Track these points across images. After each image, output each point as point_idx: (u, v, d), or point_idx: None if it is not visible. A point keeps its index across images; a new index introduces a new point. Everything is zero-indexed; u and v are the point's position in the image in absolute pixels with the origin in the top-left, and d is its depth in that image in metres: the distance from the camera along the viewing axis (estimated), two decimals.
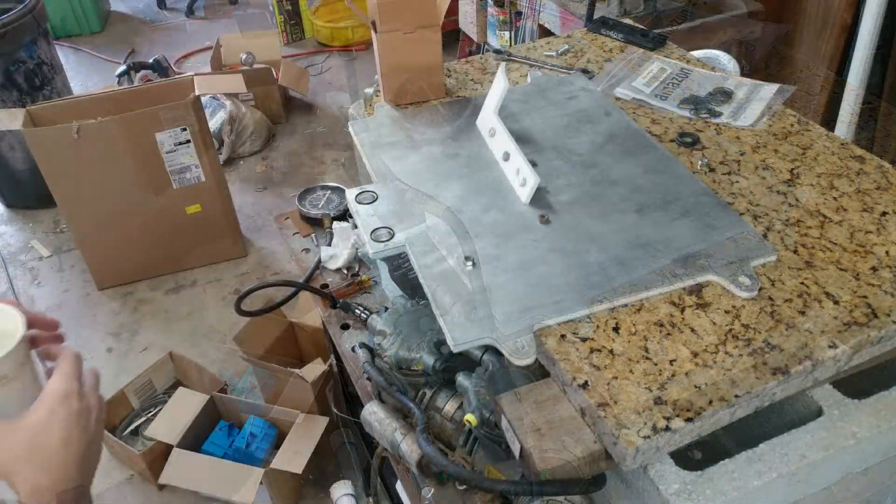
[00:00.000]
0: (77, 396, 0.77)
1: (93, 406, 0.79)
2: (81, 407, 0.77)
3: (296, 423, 2.11)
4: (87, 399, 0.78)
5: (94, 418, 0.79)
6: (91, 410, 0.79)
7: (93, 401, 0.79)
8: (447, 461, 0.93)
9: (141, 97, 2.68)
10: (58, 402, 0.76)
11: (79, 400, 0.77)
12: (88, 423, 0.78)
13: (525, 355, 0.81)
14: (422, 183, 1.07)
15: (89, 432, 0.78)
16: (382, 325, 1.15)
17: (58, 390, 0.77)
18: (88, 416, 0.78)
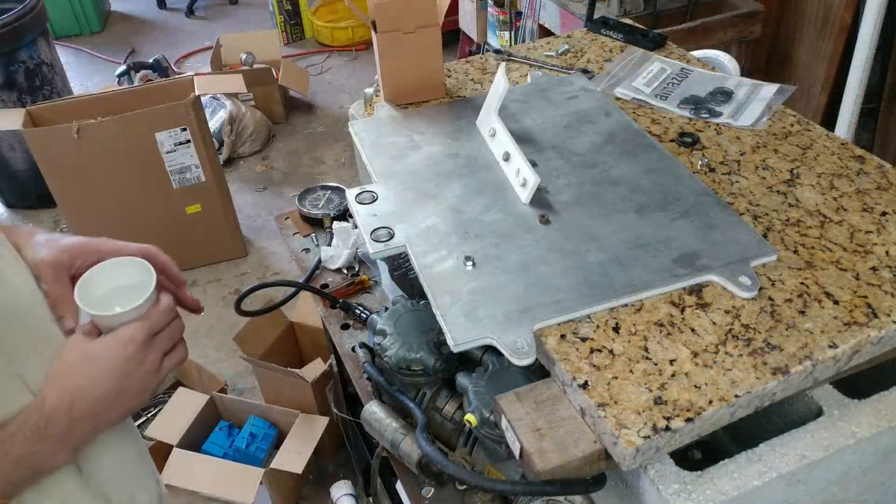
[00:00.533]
0: (138, 346, 0.74)
1: (148, 364, 0.75)
2: (132, 357, 0.73)
3: (296, 423, 2.11)
4: (146, 355, 0.74)
5: (139, 375, 0.75)
6: (142, 366, 0.74)
7: (150, 362, 0.75)
8: (447, 461, 0.93)
9: (141, 97, 2.68)
10: (116, 341, 0.74)
11: (137, 350, 0.74)
12: (129, 377, 0.74)
13: (525, 355, 0.81)
14: (422, 183, 1.07)
15: (122, 385, 0.74)
16: (382, 324, 1.15)
17: (124, 333, 0.74)
18: (133, 370, 0.74)
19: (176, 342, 0.79)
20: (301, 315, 2.33)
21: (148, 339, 0.75)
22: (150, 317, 0.75)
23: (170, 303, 0.78)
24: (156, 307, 0.77)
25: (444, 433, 1.10)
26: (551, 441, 0.78)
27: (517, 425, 0.80)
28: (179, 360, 0.80)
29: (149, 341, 0.75)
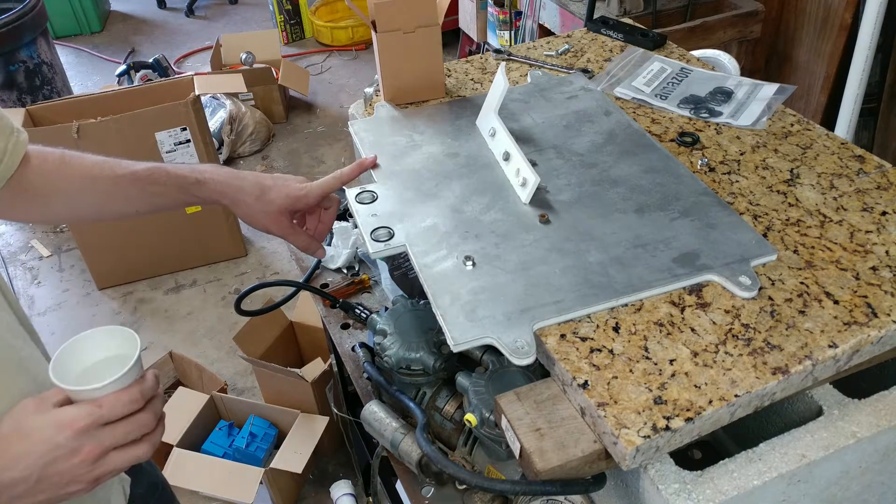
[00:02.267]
0: (74, 433, 0.65)
1: (83, 454, 0.65)
2: (62, 444, 0.64)
3: (296, 422, 2.11)
4: (82, 445, 0.65)
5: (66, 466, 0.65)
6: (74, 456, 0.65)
7: (87, 452, 0.65)
8: (447, 461, 0.93)
9: (141, 97, 2.68)
10: (53, 422, 0.65)
11: (73, 437, 0.64)
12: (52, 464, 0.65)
13: (525, 355, 0.81)
14: (422, 183, 1.07)
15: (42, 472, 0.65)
16: (382, 324, 1.15)
17: (64, 415, 0.65)
18: (60, 458, 0.65)
19: (137, 437, 0.69)
20: (301, 315, 2.33)
21: (91, 427, 0.65)
22: (103, 403, 0.66)
23: (135, 394, 0.68)
24: (117, 394, 0.67)
25: (444, 433, 1.10)
26: (551, 441, 0.78)
27: (517, 425, 0.80)
28: (135, 457, 0.69)
29: (92, 430, 0.65)
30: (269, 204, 0.98)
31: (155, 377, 0.72)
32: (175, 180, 0.96)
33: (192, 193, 0.97)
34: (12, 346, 0.78)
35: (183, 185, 0.96)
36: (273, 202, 0.98)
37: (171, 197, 0.97)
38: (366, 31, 4.64)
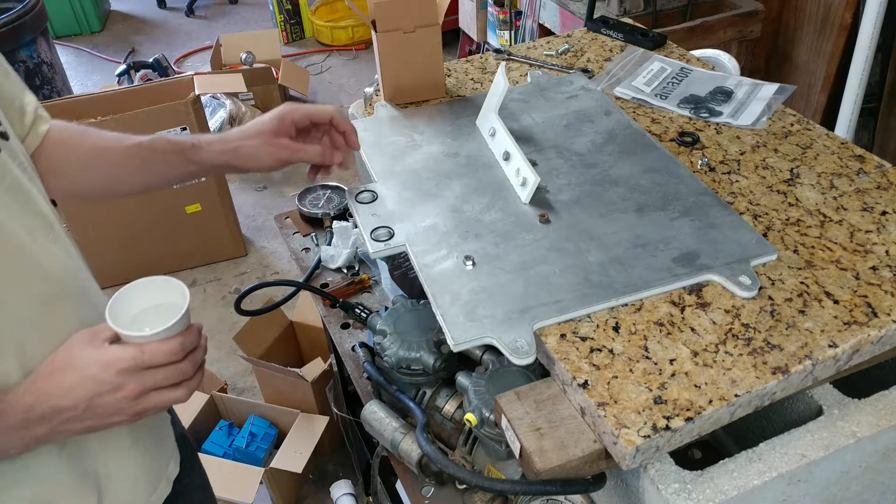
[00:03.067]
0: (117, 372, 0.71)
1: (125, 392, 0.72)
2: (107, 381, 0.71)
3: (296, 422, 2.11)
4: (125, 383, 0.72)
5: (110, 400, 0.72)
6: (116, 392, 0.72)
7: (129, 390, 0.72)
8: (447, 460, 0.93)
9: (141, 97, 2.68)
10: (100, 360, 0.72)
11: (116, 375, 0.71)
12: (98, 397, 0.72)
13: (525, 355, 0.81)
14: (422, 182, 1.07)
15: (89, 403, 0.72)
16: (382, 324, 1.15)
17: (110, 355, 0.72)
18: (104, 394, 0.72)
19: (176, 382, 0.76)
20: (301, 314, 2.33)
21: (134, 370, 0.72)
22: (146, 350, 0.73)
23: (176, 346, 0.74)
24: (160, 344, 0.74)
25: (443, 433, 1.10)
26: (551, 440, 0.78)
27: (517, 425, 0.80)
28: (173, 399, 0.76)
29: (134, 371, 0.72)
30: (261, 134, 0.97)
31: (198, 332, 0.79)
32: (174, 146, 0.98)
33: (190, 159, 0.98)
34: (76, 276, 0.86)
35: (181, 150, 0.97)
36: (263, 131, 0.97)
37: (173, 164, 0.98)
38: (366, 30, 4.64)
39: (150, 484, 0.96)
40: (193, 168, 1.00)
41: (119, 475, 0.90)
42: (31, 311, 0.78)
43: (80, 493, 0.86)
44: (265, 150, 0.98)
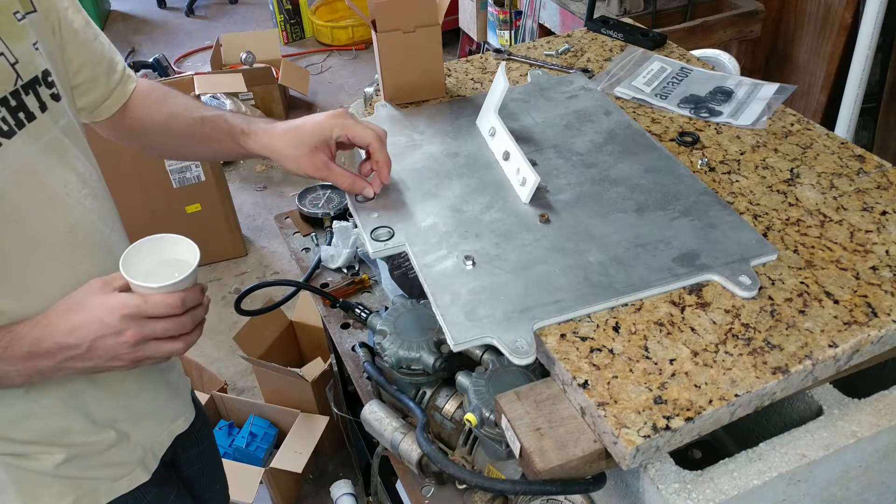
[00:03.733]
0: (120, 318, 0.77)
1: (125, 337, 0.78)
2: (109, 325, 0.77)
3: (296, 422, 2.11)
4: (125, 329, 0.77)
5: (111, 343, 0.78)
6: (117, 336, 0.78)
7: (129, 336, 0.78)
8: (447, 460, 0.93)
9: None
10: (105, 305, 0.78)
11: (118, 321, 0.77)
12: (100, 339, 0.77)
13: (525, 355, 0.81)
14: (422, 182, 1.07)
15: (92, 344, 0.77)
16: (382, 324, 1.15)
17: (115, 301, 0.77)
18: (106, 336, 0.77)
19: (175, 335, 0.82)
20: (301, 314, 2.33)
21: (135, 317, 0.77)
22: (149, 300, 0.78)
23: (177, 301, 0.79)
24: (163, 296, 0.79)
25: (444, 433, 1.10)
26: (551, 440, 0.78)
27: (517, 424, 0.80)
28: (170, 351, 0.82)
29: (135, 318, 0.78)
30: (302, 146, 1.00)
31: (201, 290, 0.84)
32: (229, 129, 1.03)
33: (240, 144, 1.03)
34: (102, 231, 0.94)
35: (233, 133, 1.02)
36: (304, 144, 1.00)
37: (224, 143, 1.04)
38: (366, 30, 4.64)
39: (170, 413, 1.06)
40: (242, 151, 1.04)
41: (130, 414, 0.99)
42: (55, 257, 0.86)
43: (92, 429, 0.94)
44: (300, 163, 1.00)
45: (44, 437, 0.90)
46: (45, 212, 0.85)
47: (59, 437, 0.91)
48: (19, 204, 0.81)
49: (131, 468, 1.00)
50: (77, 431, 0.93)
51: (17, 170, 0.81)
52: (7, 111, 0.81)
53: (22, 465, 0.90)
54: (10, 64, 0.81)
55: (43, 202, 0.85)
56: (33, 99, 0.84)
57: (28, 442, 0.89)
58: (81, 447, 0.93)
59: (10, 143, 0.80)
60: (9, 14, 0.82)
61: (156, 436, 1.04)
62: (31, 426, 0.89)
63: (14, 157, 0.81)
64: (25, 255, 0.82)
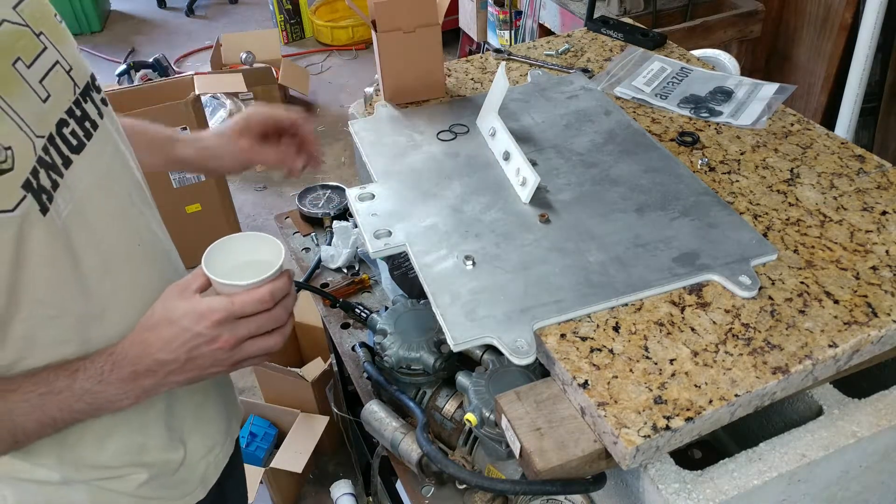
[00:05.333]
0: (211, 324, 0.73)
1: (220, 343, 0.74)
2: (202, 333, 0.73)
3: (296, 422, 2.11)
4: (219, 334, 0.73)
5: (207, 351, 0.74)
6: (212, 343, 0.73)
7: (223, 341, 0.73)
8: (447, 460, 0.93)
9: (141, 97, 2.68)
10: (194, 313, 0.73)
11: (210, 327, 0.72)
12: (196, 349, 0.74)
13: (525, 355, 0.81)
14: (422, 182, 1.07)
15: (189, 355, 0.74)
16: (382, 324, 1.15)
17: (203, 307, 0.73)
18: (201, 345, 0.73)
19: (269, 329, 0.77)
20: (301, 314, 2.33)
21: (226, 320, 0.73)
22: (236, 300, 0.73)
23: (265, 294, 0.75)
24: (249, 293, 0.74)
25: (444, 432, 1.10)
26: (551, 440, 0.78)
27: (517, 424, 0.80)
28: (268, 347, 0.78)
29: (227, 322, 0.73)
30: (223, 135, 1.01)
31: (288, 278, 0.78)
32: (159, 137, 1.02)
33: (170, 151, 1.02)
34: (160, 239, 0.91)
35: (163, 141, 1.02)
36: (225, 132, 1.01)
37: (155, 155, 1.01)
38: (366, 30, 4.64)
39: (220, 438, 1.01)
40: (172, 158, 1.03)
41: (196, 428, 0.96)
42: (130, 273, 0.83)
43: (168, 445, 0.91)
44: (227, 150, 1.01)
45: (127, 455, 0.87)
46: (117, 225, 0.81)
47: (138, 454, 0.88)
48: (95, 220, 0.78)
49: (194, 486, 0.97)
50: (153, 448, 0.89)
51: (92, 186, 0.77)
52: (75, 123, 0.76)
53: (105, 487, 0.87)
54: (66, 72, 0.77)
55: (115, 215, 0.81)
56: (92, 106, 0.80)
57: (115, 465, 0.86)
58: (160, 466, 0.91)
59: (82, 157, 0.76)
60: (52, 18, 0.77)
61: (216, 452, 1.01)
62: (111, 445, 0.85)
63: (88, 174, 0.77)
64: (103, 273, 0.79)
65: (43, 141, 0.71)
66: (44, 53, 0.74)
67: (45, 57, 0.74)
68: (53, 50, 0.75)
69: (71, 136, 0.75)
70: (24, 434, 0.74)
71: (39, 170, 0.70)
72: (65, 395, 0.73)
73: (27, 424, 0.73)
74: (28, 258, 0.70)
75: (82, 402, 0.74)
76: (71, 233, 0.74)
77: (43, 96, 0.72)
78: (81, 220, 0.75)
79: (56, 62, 0.75)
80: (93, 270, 0.77)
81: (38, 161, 0.70)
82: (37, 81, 0.72)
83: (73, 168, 0.75)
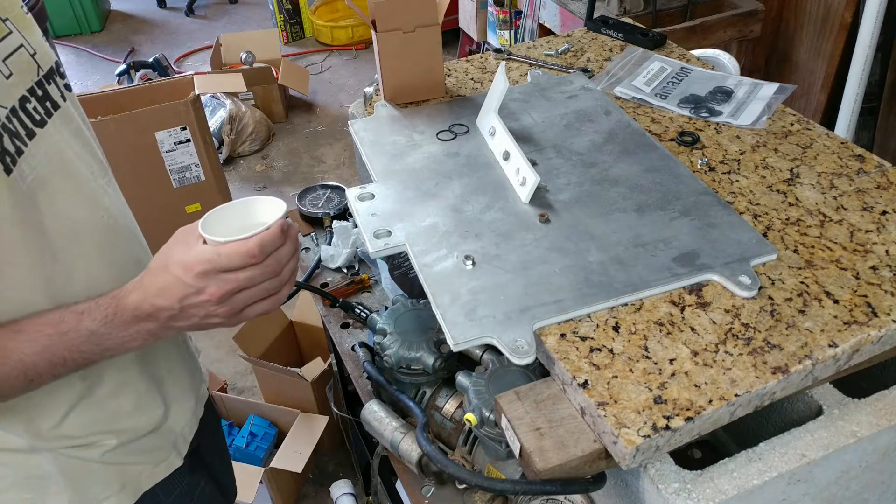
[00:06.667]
0: (196, 275, 0.73)
1: (206, 295, 0.73)
2: (189, 283, 0.73)
3: (295, 422, 2.11)
4: (205, 286, 0.73)
5: (196, 301, 0.74)
6: (199, 295, 0.74)
7: (210, 293, 0.73)
8: (447, 460, 0.93)
9: (141, 96, 2.68)
10: (182, 263, 0.73)
11: (195, 279, 0.73)
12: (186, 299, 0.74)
13: (525, 354, 0.81)
14: (422, 182, 1.07)
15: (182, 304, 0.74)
16: (382, 324, 1.15)
17: (189, 258, 0.73)
18: (190, 295, 0.74)
19: (261, 282, 0.75)
20: (301, 314, 2.33)
21: (210, 272, 0.73)
22: (221, 251, 0.73)
23: (253, 247, 0.73)
24: (236, 245, 0.73)
25: (443, 432, 1.10)
26: (551, 440, 0.78)
27: (517, 424, 0.80)
28: (262, 305, 0.77)
29: (211, 273, 0.73)
30: None
31: (280, 230, 0.75)
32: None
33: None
34: (126, 216, 0.96)
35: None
36: None
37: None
38: (366, 30, 4.64)
39: (193, 397, 1.05)
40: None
41: (175, 382, 1.00)
42: (96, 240, 0.86)
43: (149, 396, 0.95)
44: None
45: (98, 423, 0.89)
46: (81, 198, 0.85)
47: (110, 422, 0.90)
48: (59, 191, 0.81)
49: (167, 453, 0.99)
50: (125, 415, 0.92)
51: (54, 157, 0.82)
52: (37, 101, 0.81)
53: (72, 455, 0.89)
54: (30, 55, 0.81)
55: (78, 188, 0.85)
56: (55, 88, 0.85)
57: (79, 435, 0.88)
58: (128, 433, 0.93)
59: (44, 131, 0.81)
60: (18, 7, 0.82)
61: (186, 418, 1.03)
62: (85, 412, 0.87)
63: (50, 145, 0.81)
64: (71, 237, 0.82)
65: (6, 111, 0.76)
66: (8, 37, 0.79)
67: (9, 40, 0.79)
68: (18, 34, 0.80)
69: (34, 111, 0.80)
70: (36, 373, 0.76)
71: (3, 134, 0.74)
72: (71, 336, 0.76)
73: (39, 364, 0.75)
74: None
75: (90, 343, 0.77)
76: (37, 198, 0.78)
77: (6, 73, 0.77)
78: (45, 188, 0.79)
79: (21, 45, 0.80)
80: (59, 235, 0.80)
81: (2, 127, 0.74)
82: (0, 60, 0.77)
83: (37, 140, 0.79)
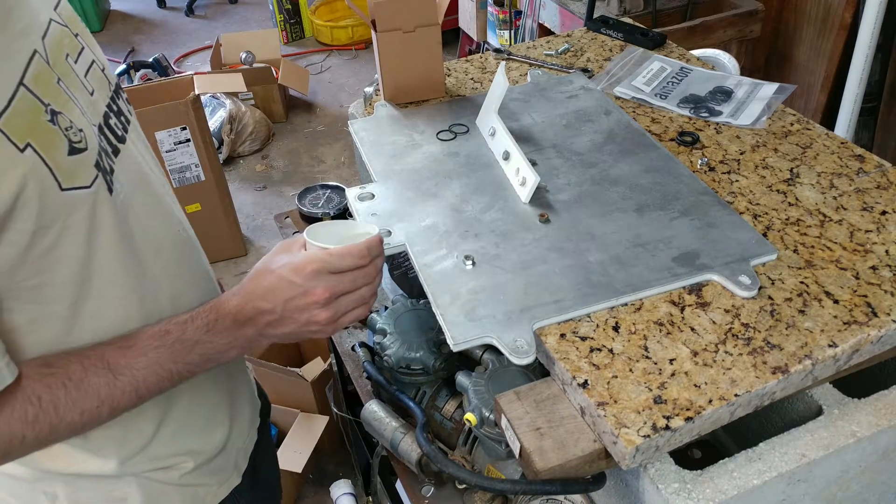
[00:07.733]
0: (305, 275, 0.74)
1: (313, 296, 0.75)
2: (295, 284, 0.75)
3: (295, 422, 2.11)
4: (313, 287, 0.75)
5: (301, 304, 0.75)
6: (306, 296, 0.75)
7: (316, 294, 0.75)
8: (447, 460, 0.93)
9: (141, 96, 2.68)
10: (290, 265, 0.75)
11: (304, 279, 0.74)
12: (291, 301, 0.75)
13: (525, 354, 0.81)
14: (421, 182, 1.07)
15: (285, 306, 0.75)
16: (382, 324, 1.15)
17: (299, 260, 0.75)
18: (296, 296, 0.75)
19: (362, 285, 0.78)
20: None
21: (321, 272, 0.75)
22: (332, 252, 0.75)
23: (362, 250, 0.76)
24: (346, 247, 0.76)
25: (443, 432, 1.10)
26: (551, 440, 0.78)
27: (517, 424, 0.80)
28: (362, 301, 0.79)
29: (322, 274, 0.75)
30: None
31: (380, 240, 0.81)
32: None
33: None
34: (191, 228, 0.96)
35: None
36: None
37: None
38: (366, 30, 4.64)
39: (247, 425, 1.04)
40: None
41: (240, 394, 1.01)
42: (177, 254, 0.87)
43: (220, 410, 0.95)
44: None
45: (178, 443, 0.89)
46: (160, 213, 0.85)
47: (188, 441, 0.90)
48: (143, 207, 0.81)
49: (230, 472, 0.99)
50: (197, 432, 0.92)
51: (135, 173, 0.81)
52: (115, 116, 0.80)
53: (154, 478, 0.89)
54: (101, 70, 0.81)
55: (157, 203, 0.85)
56: (123, 102, 0.85)
57: (165, 455, 0.88)
58: (203, 454, 0.93)
59: (125, 147, 0.81)
60: (81, 22, 0.81)
61: (246, 432, 1.03)
62: (166, 429, 0.87)
63: (130, 161, 0.81)
64: (155, 254, 0.82)
65: (96, 129, 0.75)
66: (83, 52, 0.78)
67: (84, 55, 0.78)
68: (88, 50, 0.80)
69: (116, 127, 0.80)
70: (146, 388, 0.76)
71: (101, 152, 0.74)
72: (177, 348, 0.76)
73: (148, 378, 0.75)
74: (98, 237, 0.73)
75: (194, 353, 0.77)
76: (127, 215, 0.78)
77: (90, 90, 0.77)
78: (132, 205, 0.79)
79: (93, 61, 0.80)
80: (146, 252, 0.81)
81: (99, 145, 0.74)
82: (83, 76, 0.77)
83: (121, 156, 0.79)
